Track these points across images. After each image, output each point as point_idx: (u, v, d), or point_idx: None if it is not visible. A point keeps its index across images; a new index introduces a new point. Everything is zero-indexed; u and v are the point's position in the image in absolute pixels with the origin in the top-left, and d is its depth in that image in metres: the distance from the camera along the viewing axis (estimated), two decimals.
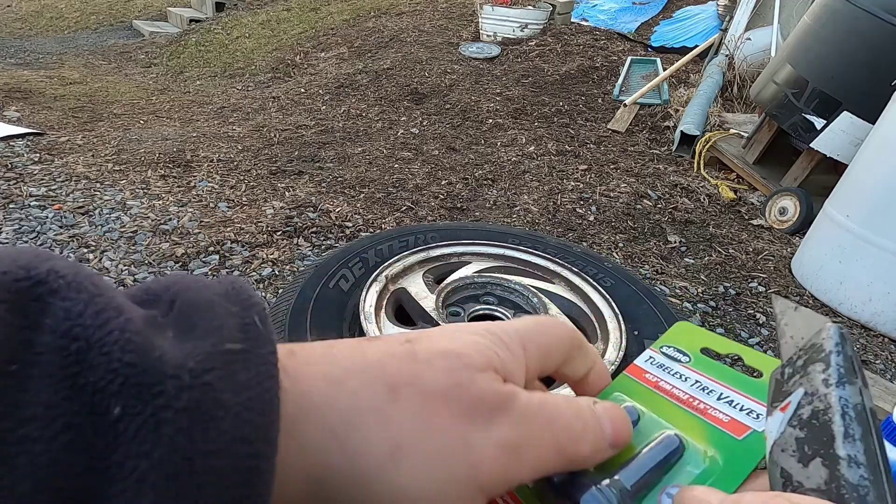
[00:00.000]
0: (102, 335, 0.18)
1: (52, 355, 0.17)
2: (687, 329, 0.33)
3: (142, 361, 0.18)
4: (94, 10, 7.83)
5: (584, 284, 1.42)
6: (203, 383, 0.19)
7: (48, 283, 0.18)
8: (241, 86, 4.97)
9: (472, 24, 5.49)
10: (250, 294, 0.23)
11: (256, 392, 0.20)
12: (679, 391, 0.30)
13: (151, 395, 0.18)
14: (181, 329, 0.20)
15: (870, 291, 2.18)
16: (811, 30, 2.83)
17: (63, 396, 0.17)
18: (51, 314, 0.18)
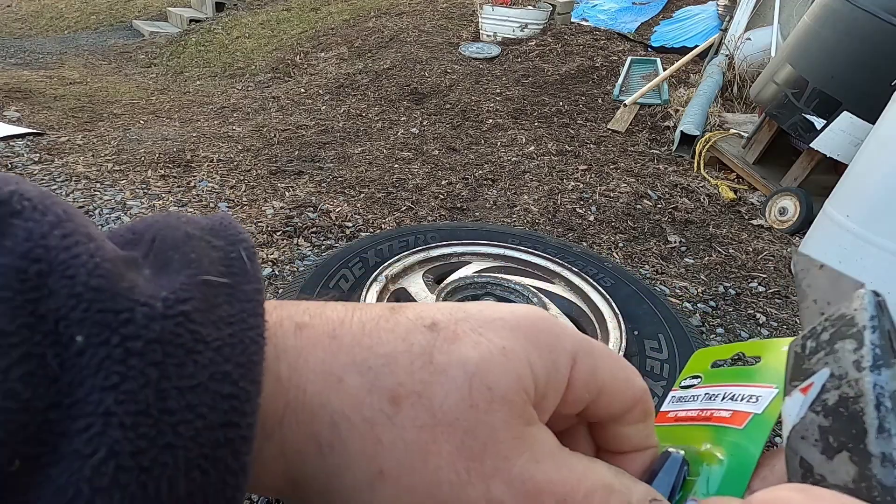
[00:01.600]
0: (67, 257, 0.16)
1: (8, 278, 0.15)
2: (701, 354, 0.32)
3: (110, 287, 0.16)
4: (94, 10, 7.83)
5: (583, 284, 1.42)
6: (178, 313, 0.17)
7: (10, 205, 0.16)
8: (241, 86, 4.97)
9: (472, 24, 5.49)
10: (238, 229, 0.21)
11: (240, 328, 0.18)
12: (692, 412, 0.29)
13: (119, 323, 0.16)
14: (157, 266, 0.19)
15: None
16: (811, 30, 2.83)
17: (21, 323, 0.15)
18: (10, 235, 0.16)
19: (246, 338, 0.18)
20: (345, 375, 0.20)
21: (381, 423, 0.19)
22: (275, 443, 0.19)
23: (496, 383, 0.20)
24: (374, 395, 0.20)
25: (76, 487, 0.15)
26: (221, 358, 0.17)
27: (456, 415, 0.19)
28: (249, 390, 0.17)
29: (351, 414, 0.19)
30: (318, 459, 0.19)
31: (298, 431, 0.19)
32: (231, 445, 0.17)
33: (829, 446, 0.19)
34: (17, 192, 0.17)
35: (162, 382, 0.16)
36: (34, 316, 0.15)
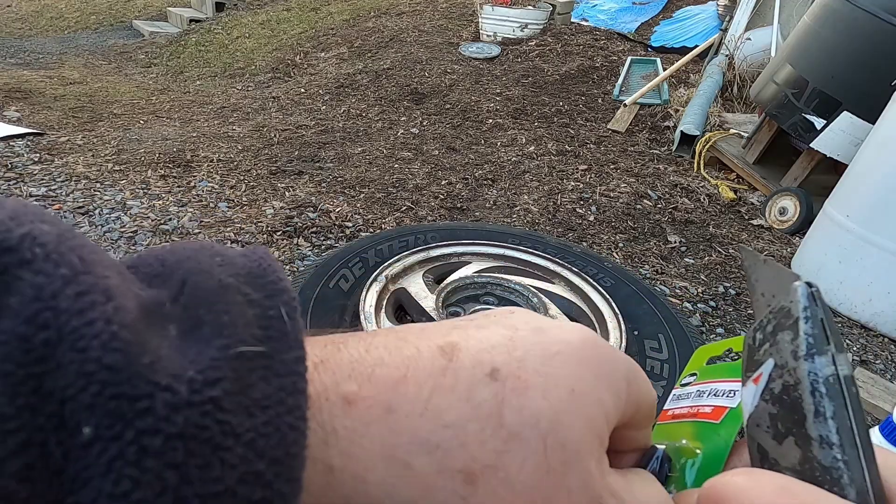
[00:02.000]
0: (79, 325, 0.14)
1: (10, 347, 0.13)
2: (701, 352, 0.33)
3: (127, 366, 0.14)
4: (94, 10, 7.83)
5: (584, 284, 1.42)
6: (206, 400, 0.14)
7: (19, 252, 0.14)
8: (241, 86, 4.97)
9: (472, 24, 5.49)
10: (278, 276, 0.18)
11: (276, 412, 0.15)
12: (684, 409, 0.30)
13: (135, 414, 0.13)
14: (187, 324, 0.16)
15: (870, 291, 2.18)
16: (811, 30, 2.83)
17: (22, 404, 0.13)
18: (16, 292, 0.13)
19: (283, 424, 0.15)
20: (410, 458, 0.17)
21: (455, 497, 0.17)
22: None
23: (569, 438, 0.19)
24: (445, 476, 0.17)
25: None
26: (254, 454, 0.15)
27: (533, 484, 0.18)
28: (285, 492, 0.15)
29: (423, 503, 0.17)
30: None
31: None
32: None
33: (778, 432, 0.20)
34: (30, 235, 0.14)
35: (182, 489, 0.14)
36: (37, 395, 0.13)
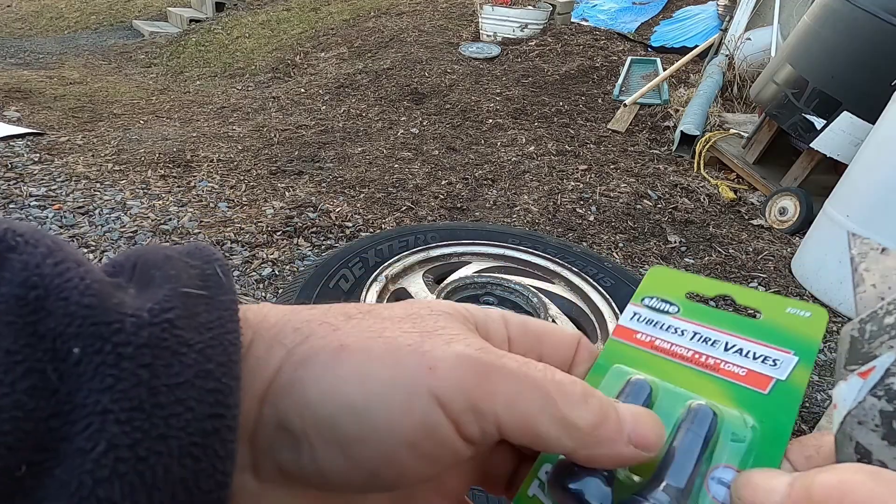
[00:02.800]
0: (61, 282, 0.18)
1: (10, 304, 0.17)
2: (664, 274, 0.29)
3: (100, 304, 0.18)
4: (94, 10, 7.83)
5: (583, 284, 1.42)
6: (163, 320, 0.18)
7: (5, 241, 0.18)
8: (241, 86, 4.97)
9: (472, 24, 5.49)
10: (211, 251, 0.23)
11: (219, 332, 0.20)
12: (680, 348, 0.26)
13: (111, 332, 0.18)
14: (141, 285, 0.20)
15: None
16: (811, 30, 2.83)
17: (24, 343, 0.17)
18: (8, 267, 0.18)
19: (225, 340, 0.19)
20: (301, 310, 0.23)
21: (339, 322, 0.22)
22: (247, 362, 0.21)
23: (435, 305, 0.24)
24: (329, 313, 0.23)
25: (79, 480, 0.16)
26: (204, 358, 0.19)
27: (402, 315, 0.23)
28: (231, 385, 0.19)
29: (310, 322, 0.22)
30: (283, 355, 0.21)
31: (264, 344, 0.22)
32: (218, 434, 0.18)
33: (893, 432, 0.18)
34: (10, 229, 0.18)
35: (153, 381, 0.17)
36: (35, 336, 0.17)
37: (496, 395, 0.20)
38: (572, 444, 0.21)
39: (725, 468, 0.21)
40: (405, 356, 0.21)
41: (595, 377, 0.26)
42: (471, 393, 0.20)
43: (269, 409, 0.21)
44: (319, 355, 0.21)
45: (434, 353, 0.21)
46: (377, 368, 0.20)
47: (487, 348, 0.22)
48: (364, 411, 0.20)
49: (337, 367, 0.21)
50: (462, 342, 0.21)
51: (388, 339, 0.21)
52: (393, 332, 0.22)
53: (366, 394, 0.20)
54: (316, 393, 0.20)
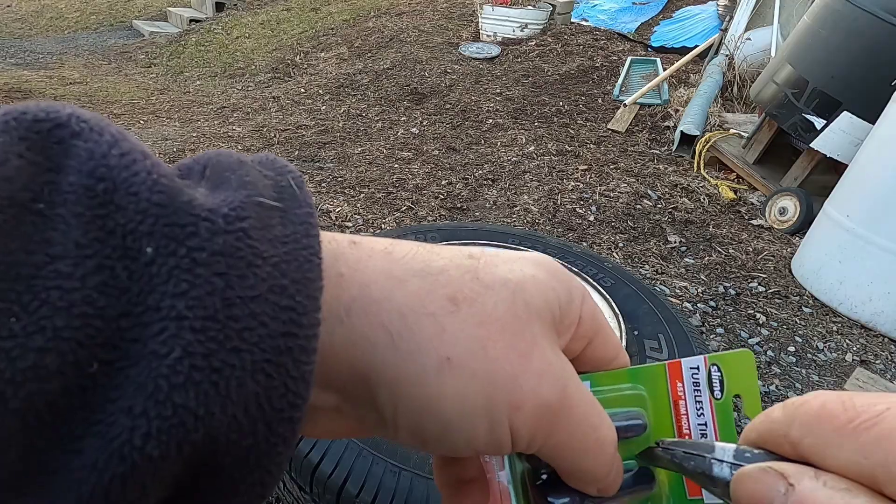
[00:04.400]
0: (129, 175, 0.17)
1: (79, 195, 0.16)
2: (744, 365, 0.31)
3: (171, 202, 0.17)
4: (94, 10, 7.83)
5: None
6: (238, 229, 0.18)
7: (69, 126, 0.17)
8: (241, 86, 4.97)
9: (472, 24, 5.49)
10: (284, 163, 0.22)
11: (294, 247, 0.19)
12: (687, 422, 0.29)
13: (185, 236, 0.17)
14: (213, 185, 0.20)
15: (870, 291, 2.18)
16: (811, 30, 2.83)
17: (93, 237, 0.16)
18: (74, 156, 0.17)
19: (300, 256, 0.19)
20: (406, 277, 0.22)
21: (445, 316, 0.22)
22: (344, 330, 0.21)
23: (531, 301, 0.23)
24: (435, 294, 0.22)
25: (155, 384, 0.16)
26: (279, 273, 0.18)
27: (506, 320, 0.22)
28: (306, 304, 0.18)
29: (417, 307, 0.21)
30: (389, 347, 0.21)
31: (367, 321, 0.21)
32: (291, 353, 0.18)
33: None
34: (74, 114, 0.18)
35: (227, 291, 0.17)
36: (104, 231, 0.16)
37: (553, 436, 0.23)
38: (572, 476, 0.25)
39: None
40: (502, 385, 0.22)
41: (623, 376, 0.29)
42: (536, 431, 0.22)
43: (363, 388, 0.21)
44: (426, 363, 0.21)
45: (524, 392, 0.22)
46: (475, 393, 0.21)
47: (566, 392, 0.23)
48: (456, 428, 0.21)
49: (440, 382, 0.21)
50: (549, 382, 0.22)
51: (492, 360, 0.22)
52: (496, 348, 0.22)
53: (460, 414, 0.21)
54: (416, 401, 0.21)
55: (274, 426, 0.18)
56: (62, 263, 0.16)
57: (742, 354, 0.31)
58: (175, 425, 0.16)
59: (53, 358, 0.15)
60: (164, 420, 0.16)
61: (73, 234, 0.16)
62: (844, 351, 2.06)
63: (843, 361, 2.01)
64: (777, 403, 0.20)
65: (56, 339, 0.15)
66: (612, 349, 0.28)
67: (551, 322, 0.24)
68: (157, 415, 0.16)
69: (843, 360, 2.01)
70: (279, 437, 0.18)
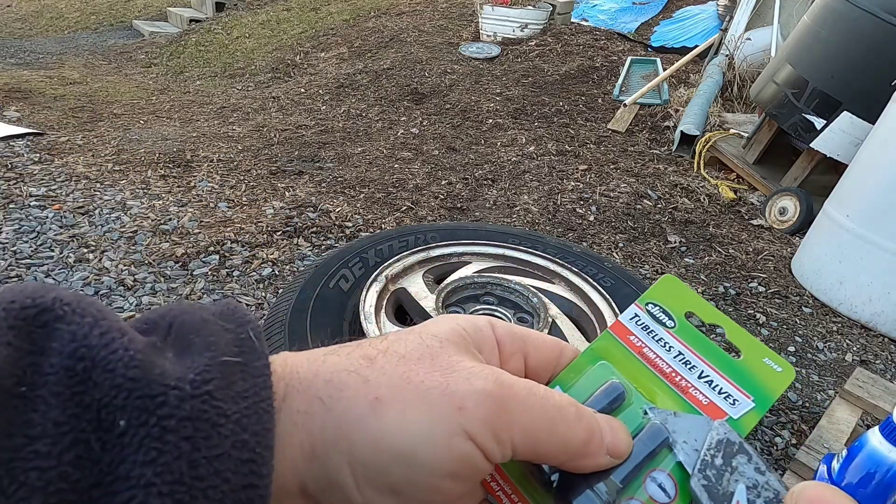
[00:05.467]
0: (107, 354, 0.19)
1: (59, 376, 0.18)
2: (673, 286, 0.33)
3: (144, 376, 0.19)
4: (94, 10, 7.83)
5: (584, 284, 1.42)
6: (204, 392, 0.19)
7: (54, 310, 0.19)
8: (241, 86, 4.97)
9: (472, 24, 5.49)
10: (244, 312, 0.24)
11: (253, 401, 0.21)
12: (662, 362, 0.30)
13: (155, 406, 0.18)
14: (179, 348, 0.22)
15: (870, 291, 2.18)
16: (811, 30, 2.83)
17: (71, 414, 0.18)
18: (57, 338, 0.19)
19: (259, 409, 0.21)
20: (325, 357, 0.25)
21: (365, 370, 0.24)
22: (284, 415, 0.22)
23: (439, 332, 0.26)
24: (352, 357, 0.24)
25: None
26: (240, 428, 0.20)
27: (419, 354, 0.24)
28: (264, 455, 0.20)
29: (338, 372, 0.24)
30: (323, 411, 0.23)
31: (300, 398, 0.23)
32: (253, 502, 0.20)
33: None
34: (58, 298, 0.19)
35: (193, 454, 0.19)
36: (81, 406, 0.18)
37: (513, 424, 0.23)
38: (565, 457, 0.25)
39: (660, 471, 0.26)
40: (436, 399, 0.23)
41: (583, 363, 0.30)
42: (494, 425, 0.23)
43: (316, 466, 0.22)
44: (358, 409, 0.22)
45: (459, 393, 0.23)
46: (415, 416, 0.22)
47: (501, 380, 0.24)
48: (412, 457, 0.22)
49: (378, 419, 0.22)
50: (479, 377, 0.24)
51: (417, 385, 0.23)
52: (418, 374, 0.24)
53: (411, 441, 0.22)
54: (364, 447, 0.22)
55: None
56: (40, 444, 0.17)
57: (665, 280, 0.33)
58: None
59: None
60: None
61: (52, 413, 0.17)
62: (844, 351, 2.06)
63: (843, 361, 2.01)
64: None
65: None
66: (550, 349, 0.29)
67: (465, 345, 0.26)
68: None
69: (843, 360, 2.01)
70: None
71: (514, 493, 0.27)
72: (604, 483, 0.25)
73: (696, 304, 0.32)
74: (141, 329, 0.22)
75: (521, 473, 0.28)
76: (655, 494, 0.26)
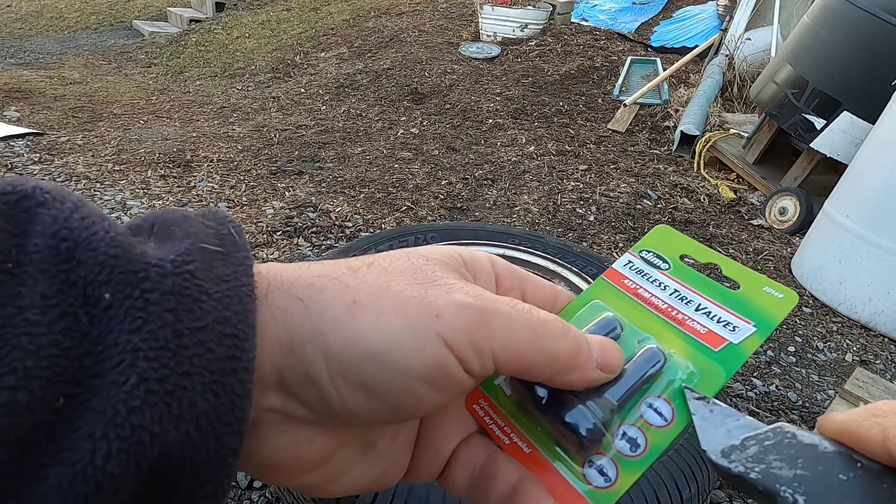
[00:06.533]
0: (88, 235, 0.19)
1: (43, 254, 0.19)
2: (667, 234, 0.33)
3: (126, 254, 0.20)
4: (94, 10, 7.83)
5: (584, 284, 1.42)
6: (185, 271, 0.20)
7: (34, 197, 0.20)
8: (241, 86, 4.97)
9: (472, 24, 5.49)
10: (225, 214, 0.25)
11: (234, 284, 0.21)
12: (658, 300, 0.30)
13: (138, 280, 0.19)
14: (161, 238, 0.22)
15: (870, 291, 2.18)
16: (811, 30, 2.83)
17: (58, 289, 0.18)
18: (39, 221, 0.19)
19: (241, 291, 0.21)
20: (310, 265, 0.25)
21: (347, 277, 0.24)
22: (264, 309, 0.23)
23: (429, 254, 0.26)
24: (335, 267, 0.25)
25: (114, 409, 0.18)
26: (222, 306, 0.21)
27: (403, 268, 0.25)
28: (247, 331, 0.21)
29: (320, 277, 0.24)
30: (302, 310, 0.23)
31: (281, 297, 0.23)
32: (236, 374, 0.20)
33: None
34: (38, 186, 0.20)
35: (177, 324, 0.19)
36: (67, 283, 0.19)
37: (492, 335, 0.23)
38: (553, 371, 0.25)
39: (657, 397, 0.26)
40: (414, 307, 0.23)
41: (577, 305, 0.30)
42: (472, 335, 0.23)
43: (293, 359, 0.23)
44: (335, 310, 0.23)
45: (438, 303, 0.23)
46: (390, 320, 0.23)
47: (482, 295, 0.24)
48: (384, 356, 0.22)
49: (353, 320, 0.23)
50: (460, 291, 0.24)
51: (397, 293, 0.23)
52: (398, 285, 0.24)
53: (383, 342, 0.22)
54: (338, 344, 0.22)
55: (223, 439, 0.20)
56: (30, 313, 0.18)
57: (659, 229, 0.33)
58: (133, 444, 0.18)
59: (24, 395, 0.17)
60: (123, 440, 0.18)
61: (40, 287, 0.18)
62: (844, 351, 2.06)
63: (843, 361, 2.01)
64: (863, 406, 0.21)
65: (26, 378, 0.17)
66: (548, 292, 0.30)
67: (456, 267, 0.26)
68: (117, 436, 0.18)
69: (843, 360, 2.01)
70: (228, 448, 0.20)
71: (507, 425, 0.27)
72: (597, 402, 0.25)
73: (691, 246, 0.32)
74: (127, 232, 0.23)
75: (514, 406, 0.27)
76: (651, 419, 0.25)
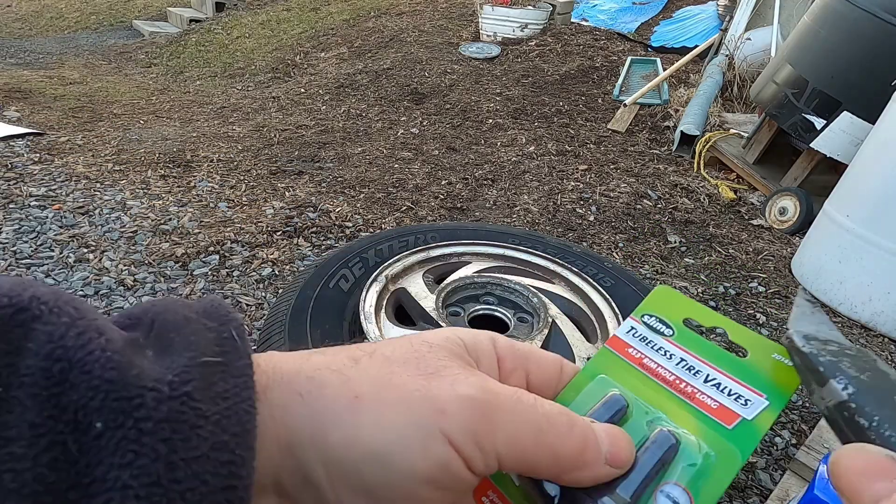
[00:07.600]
0: (83, 355, 0.18)
1: (35, 377, 0.18)
2: (668, 296, 0.31)
3: (122, 377, 0.19)
4: (94, 10, 7.83)
5: (584, 284, 1.42)
6: (182, 394, 0.19)
7: (30, 310, 0.19)
8: (241, 86, 4.97)
9: (472, 24, 5.49)
10: (228, 310, 0.24)
11: (234, 402, 0.20)
12: (664, 370, 0.28)
13: (132, 408, 0.18)
14: (160, 347, 0.21)
15: (870, 291, 2.18)
16: (811, 30, 2.83)
17: (47, 415, 0.17)
18: (34, 339, 0.18)
19: (240, 409, 0.20)
20: (311, 356, 0.24)
21: (348, 370, 0.23)
22: (263, 407, 0.22)
23: (432, 339, 0.25)
24: (336, 358, 0.24)
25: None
26: (220, 429, 0.20)
27: (406, 357, 0.24)
28: (245, 456, 0.20)
29: (321, 370, 0.23)
30: (301, 406, 0.22)
31: (281, 392, 0.23)
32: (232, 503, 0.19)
33: None
34: (35, 296, 0.19)
35: (170, 455, 0.18)
36: (57, 408, 0.18)
37: (497, 434, 0.22)
38: (559, 469, 0.23)
39: (674, 485, 0.24)
40: (416, 402, 0.22)
41: (582, 380, 0.28)
42: (476, 433, 0.22)
43: (292, 461, 0.22)
44: (336, 407, 0.22)
45: (442, 397, 0.22)
46: (393, 416, 0.22)
47: (486, 386, 0.23)
48: (386, 457, 0.21)
49: (355, 418, 0.22)
50: (464, 383, 0.23)
51: (398, 386, 0.23)
52: (401, 377, 0.23)
53: (386, 441, 0.21)
54: (338, 444, 0.21)
55: None
56: (16, 445, 0.17)
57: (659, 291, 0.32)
58: None
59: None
60: None
61: (28, 415, 0.17)
62: None
63: None
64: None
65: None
66: (552, 367, 0.28)
67: (459, 353, 0.25)
68: None
69: None
70: None
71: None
72: (610, 498, 0.23)
73: (693, 309, 0.30)
74: (123, 324, 0.22)
75: (521, 495, 0.26)
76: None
